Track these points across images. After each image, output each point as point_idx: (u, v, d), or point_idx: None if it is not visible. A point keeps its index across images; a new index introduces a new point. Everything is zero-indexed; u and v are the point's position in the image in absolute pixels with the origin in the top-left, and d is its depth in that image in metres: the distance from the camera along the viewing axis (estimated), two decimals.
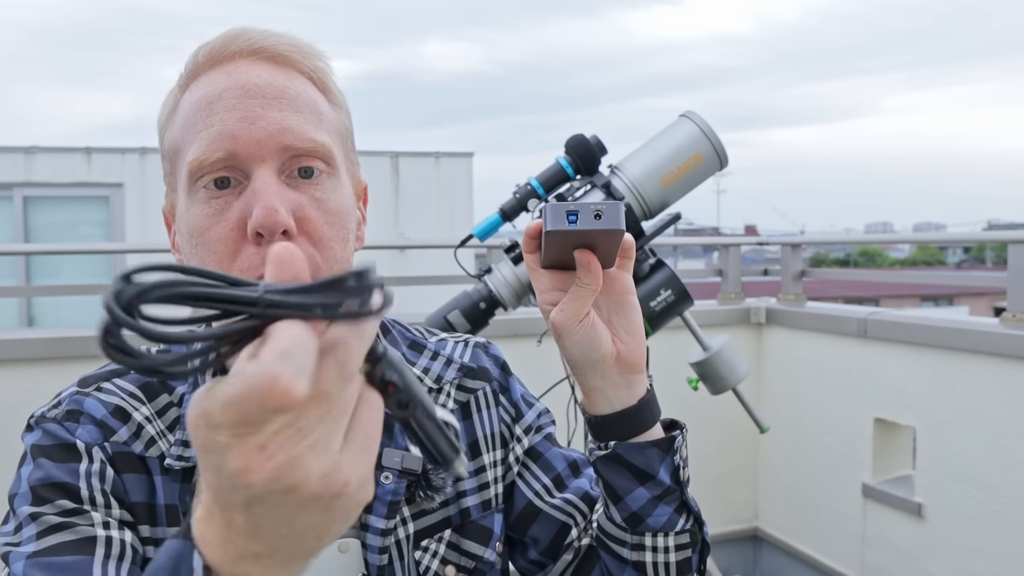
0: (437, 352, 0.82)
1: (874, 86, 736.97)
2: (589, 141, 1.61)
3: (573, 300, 0.66)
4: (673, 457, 0.72)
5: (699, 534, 0.75)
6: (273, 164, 0.65)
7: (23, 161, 6.79)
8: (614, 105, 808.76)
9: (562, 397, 1.83)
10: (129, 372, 0.72)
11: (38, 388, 2.18)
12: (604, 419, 0.71)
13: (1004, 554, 2.17)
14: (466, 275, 1.79)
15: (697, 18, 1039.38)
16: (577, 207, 0.62)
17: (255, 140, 0.64)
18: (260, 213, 0.62)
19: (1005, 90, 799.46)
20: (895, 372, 2.49)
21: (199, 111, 0.66)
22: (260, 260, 0.63)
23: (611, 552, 0.75)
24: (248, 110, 0.65)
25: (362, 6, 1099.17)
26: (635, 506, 0.72)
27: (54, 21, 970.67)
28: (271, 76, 0.67)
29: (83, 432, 0.67)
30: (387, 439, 0.74)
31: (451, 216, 8.14)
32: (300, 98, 0.67)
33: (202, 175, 0.65)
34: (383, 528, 0.72)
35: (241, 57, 0.68)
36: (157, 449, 0.69)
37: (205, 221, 0.65)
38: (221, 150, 0.64)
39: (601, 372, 0.69)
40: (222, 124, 0.64)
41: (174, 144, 0.69)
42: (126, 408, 0.70)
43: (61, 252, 5.91)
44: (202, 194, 0.65)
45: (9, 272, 6.59)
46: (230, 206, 0.65)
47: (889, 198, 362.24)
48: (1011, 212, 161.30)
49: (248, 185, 0.65)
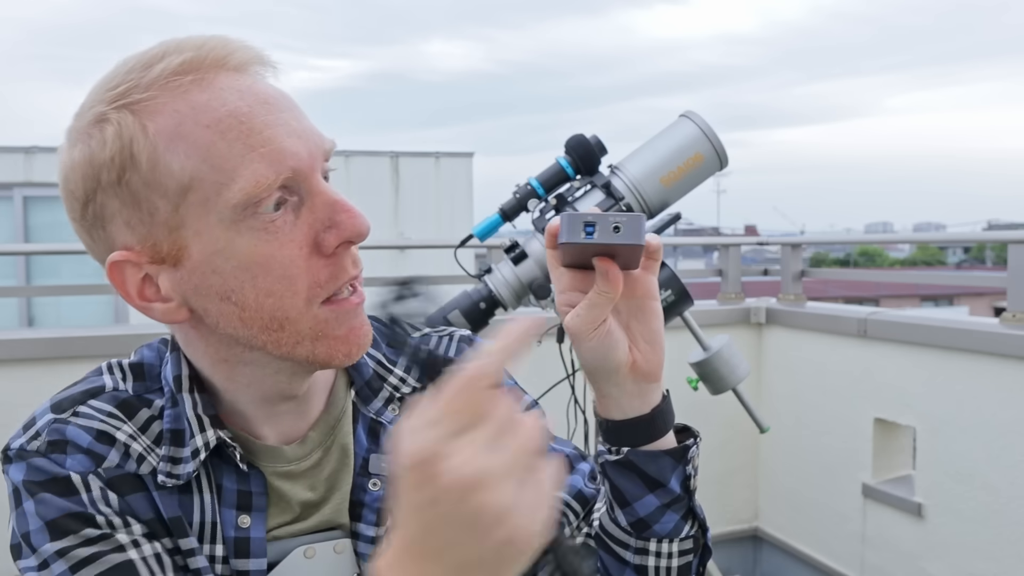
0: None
1: (878, 86, 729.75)
2: (589, 141, 1.61)
3: (590, 307, 0.64)
4: (685, 467, 0.71)
5: (702, 539, 0.75)
6: (319, 173, 0.63)
7: (23, 161, 6.78)
8: (616, 104, 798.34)
9: (562, 397, 1.83)
10: (103, 392, 0.69)
11: (38, 388, 2.17)
12: (616, 424, 0.70)
13: (1004, 554, 2.17)
14: (466, 275, 1.79)
15: (702, 17, 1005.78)
16: (595, 219, 0.59)
17: (308, 152, 0.61)
18: (353, 222, 0.62)
19: (1008, 89, 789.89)
20: (895, 372, 2.49)
21: (229, 132, 0.58)
22: (350, 261, 0.63)
23: (612, 553, 0.75)
24: (284, 123, 0.61)
25: (362, 3, 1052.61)
26: (643, 512, 0.71)
27: (55, 20, 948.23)
28: (268, 83, 0.64)
29: (73, 463, 0.64)
30: (374, 445, 0.73)
31: (451, 216, 8.14)
32: (296, 102, 0.65)
33: (260, 199, 0.59)
34: (373, 535, 0.71)
35: (224, 72, 0.61)
36: (148, 465, 0.67)
37: (267, 248, 0.60)
38: (287, 169, 0.59)
39: (615, 380, 0.68)
40: (275, 142, 0.59)
41: (189, 174, 0.59)
42: (109, 431, 0.67)
43: (61, 252, 5.90)
44: (257, 221, 0.59)
45: (9, 272, 6.59)
46: (290, 225, 0.61)
47: (889, 198, 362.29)
48: (1011, 212, 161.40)
49: (301, 201, 0.61)
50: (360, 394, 0.75)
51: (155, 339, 0.74)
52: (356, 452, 0.73)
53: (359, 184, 7.67)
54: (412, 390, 0.77)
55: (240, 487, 0.68)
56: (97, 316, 6.73)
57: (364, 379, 0.75)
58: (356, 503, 0.72)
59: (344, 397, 0.75)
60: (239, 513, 0.68)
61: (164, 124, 0.59)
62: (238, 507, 0.68)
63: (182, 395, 0.69)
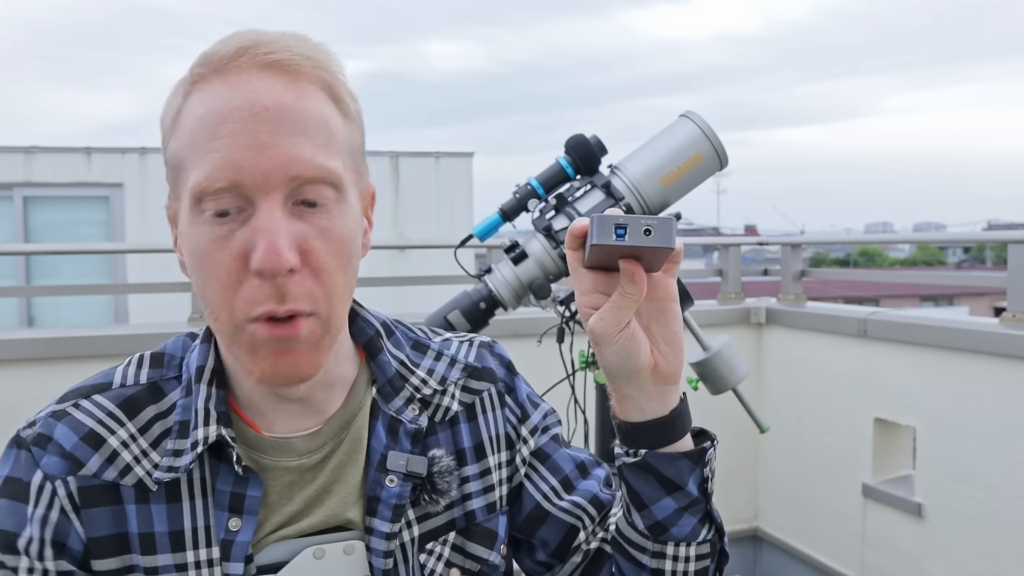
0: (441, 352, 0.81)
1: (878, 86, 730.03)
2: (589, 141, 1.61)
3: (615, 309, 0.64)
4: (703, 469, 0.71)
5: (719, 544, 0.75)
6: (279, 194, 0.62)
7: (23, 161, 6.78)
8: (617, 104, 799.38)
9: (562, 397, 1.83)
10: (110, 388, 0.70)
11: (38, 388, 2.18)
12: (635, 426, 0.70)
13: (1004, 554, 2.17)
14: (466, 275, 1.79)
15: (703, 16, 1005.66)
16: (627, 221, 0.59)
17: (262, 172, 0.61)
18: (264, 256, 0.60)
19: (1009, 89, 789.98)
20: (895, 372, 2.49)
21: (203, 130, 0.63)
22: (264, 295, 0.62)
23: (629, 557, 0.75)
24: (254, 137, 0.61)
25: (363, 3, 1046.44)
26: (660, 515, 0.71)
27: (55, 20, 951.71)
28: (280, 92, 0.63)
29: (48, 463, 0.66)
30: (392, 442, 0.74)
31: (451, 216, 8.14)
32: (311, 119, 0.64)
33: (205, 200, 0.62)
34: (388, 532, 0.71)
35: (250, 69, 0.63)
36: (133, 477, 0.67)
37: (208, 246, 0.63)
38: (225, 180, 0.61)
39: (637, 383, 0.68)
40: (227, 150, 0.61)
41: (177, 156, 0.65)
42: (100, 433, 0.67)
43: (61, 252, 5.91)
44: (206, 218, 0.63)
45: (9, 272, 6.59)
46: (233, 235, 0.62)
47: (889, 198, 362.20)
48: (1011, 212, 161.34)
49: (252, 213, 0.62)
50: (382, 392, 0.75)
51: (148, 344, 0.76)
52: (373, 447, 0.73)
53: None
54: (433, 392, 0.77)
55: (235, 489, 0.68)
56: (97, 316, 6.73)
57: (387, 377, 0.76)
58: (372, 499, 0.72)
59: (364, 394, 0.75)
60: (230, 515, 0.68)
61: (186, 108, 0.65)
62: (230, 509, 0.68)
63: (199, 386, 0.69)
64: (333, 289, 0.65)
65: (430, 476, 0.73)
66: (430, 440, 0.76)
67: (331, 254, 0.64)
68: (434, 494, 0.73)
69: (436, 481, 0.73)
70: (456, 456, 0.76)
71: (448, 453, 0.75)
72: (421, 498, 0.73)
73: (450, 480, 0.74)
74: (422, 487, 0.73)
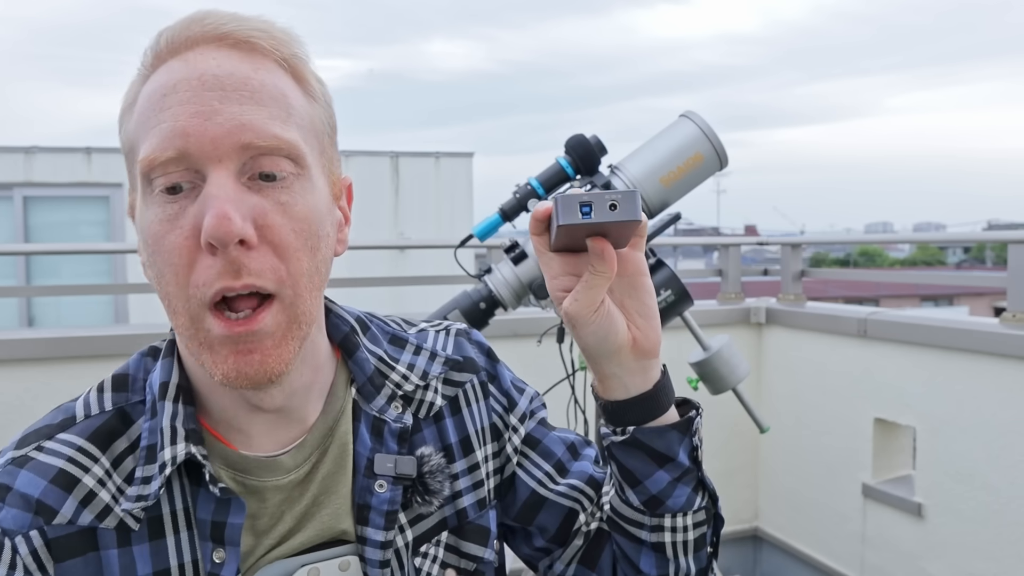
0: (420, 346, 0.78)
1: (879, 85, 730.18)
2: (589, 141, 1.61)
3: (587, 289, 0.64)
4: (691, 439, 0.71)
5: (713, 509, 0.75)
6: (232, 165, 0.58)
7: (23, 161, 6.78)
8: (617, 104, 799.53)
9: (562, 397, 1.83)
10: (74, 423, 0.64)
11: (38, 388, 2.18)
12: (620, 404, 0.69)
13: (1004, 554, 2.17)
14: (466, 275, 1.79)
15: (704, 16, 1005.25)
16: (591, 198, 0.58)
17: (210, 138, 0.57)
18: (212, 222, 0.55)
19: (1009, 89, 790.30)
20: (895, 372, 2.49)
21: (152, 105, 0.59)
22: (216, 273, 0.57)
23: (626, 534, 0.74)
24: (203, 104, 0.58)
25: (363, 3, 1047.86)
26: (655, 489, 0.71)
27: (55, 19, 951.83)
28: (234, 64, 0.60)
29: (6, 516, 0.59)
30: (377, 444, 0.70)
31: (451, 216, 8.14)
32: (265, 89, 0.60)
33: (155, 177, 0.59)
34: (382, 540, 0.68)
35: (204, 43, 0.60)
36: (114, 518, 0.61)
37: (159, 228, 0.59)
38: (172, 148, 0.57)
39: (617, 360, 0.67)
40: (174, 120, 0.58)
41: (129, 140, 0.62)
42: (71, 472, 0.61)
43: (61, 252, 5.91)
44: (157, 197, 0.59)
45: (9, 272, 6.59)
46: (185, 212, 0.58)
47: (889, 198, 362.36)
48: (1011, 212, 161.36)
49: (203, 188, 0.58)
50: (362, 391, 0.72)
51: (147, 345, 0.71)
52: (359, 451, 0.70)
53: (359, 184, 7.60)
54: (414, 388, 0.74)
55: (215, 518, 0.63)
56: (97, 316, 6.73)
57: (366, 375, 0.72)
58: (363, 506, 0.69)
59: (343, 396, 0.72)
60: (214, 546, 0.63)
61: (141, 92, 0.62)
62: (212, 539, 0.63)
63: (164, 403, 0.64)
64: (299, 272, 0.60)
65: (421, 476, 0.70)
66: (416, 438, 0.73)
67: (294, 232, 0.60)
68: (427, 495, 0.71)
69: (428, 482, 0.71)
70: (444, 452, 0.74)
71: (436, 450, 0.73)
72: (413, 500, 0.71)
73: (442, 479, 0.72)
74: (413, 488, 0.70)
